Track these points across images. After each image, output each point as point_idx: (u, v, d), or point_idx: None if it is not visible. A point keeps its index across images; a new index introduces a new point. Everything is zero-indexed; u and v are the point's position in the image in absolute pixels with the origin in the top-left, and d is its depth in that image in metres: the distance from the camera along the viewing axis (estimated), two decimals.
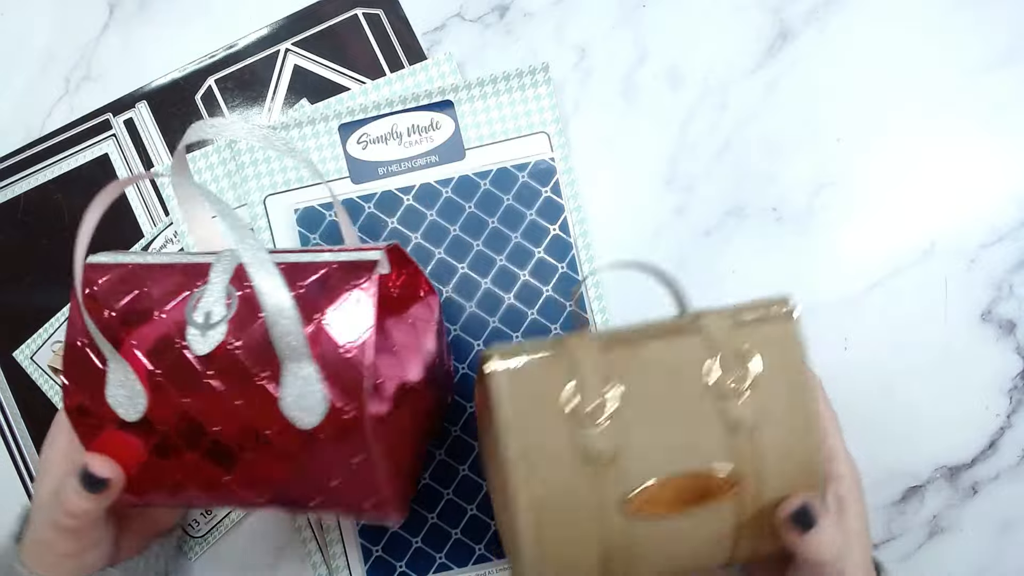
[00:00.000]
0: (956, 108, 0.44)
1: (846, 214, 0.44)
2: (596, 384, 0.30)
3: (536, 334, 0.42)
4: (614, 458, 0.30)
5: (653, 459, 0.30)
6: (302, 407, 0.29)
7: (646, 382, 0.30)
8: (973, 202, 0.44)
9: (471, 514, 0.42)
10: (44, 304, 0.45)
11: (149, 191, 0.45)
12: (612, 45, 0.45)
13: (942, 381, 0.42)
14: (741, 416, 0.31)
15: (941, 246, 0.43)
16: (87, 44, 0.47)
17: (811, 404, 0.31)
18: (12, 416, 0.45)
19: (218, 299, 0.30)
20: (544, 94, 0.43)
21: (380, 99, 0.43)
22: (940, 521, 0.43)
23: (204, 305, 0.30)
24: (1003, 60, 0.44)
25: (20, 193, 0.46)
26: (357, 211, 0.43)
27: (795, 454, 0.31)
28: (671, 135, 0.45)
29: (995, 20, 0.44)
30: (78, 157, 0.46)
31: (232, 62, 0.46)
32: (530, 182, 0.43)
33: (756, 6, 0.45)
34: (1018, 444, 0.43)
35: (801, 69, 0.45)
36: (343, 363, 0.29)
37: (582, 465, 0.29)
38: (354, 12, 0.46)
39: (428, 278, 0.38)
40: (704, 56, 0.45)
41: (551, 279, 0.43)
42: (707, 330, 0.31)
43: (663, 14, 0.45)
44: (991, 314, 0.43)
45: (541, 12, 0.46)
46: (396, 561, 0.42)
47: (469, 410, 0.42)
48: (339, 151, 0.43)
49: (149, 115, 0.46)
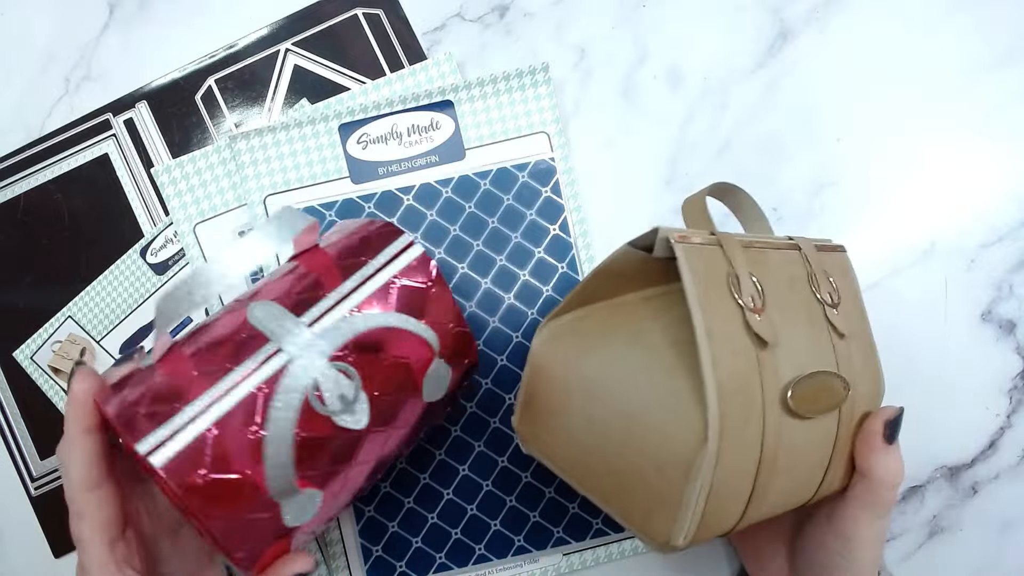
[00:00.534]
0: (956, 108, 0.44)
1: (846, 214, 0.44)
2: (747, 276, 0.29)
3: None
4: (773, 348, 0.28)
5: (798, 356, 0.29)
6: (437, 389, 0.33)
7: (776, 284, 0.30)
8: (973, 202, 0.44)
9: (471, 514, 0.42)
10: (44, 304, 0.45)
11: (149, 191, 0.45)
12: (612, 45, 0.45)
13: (942, 381, 0.42)
14: (842, 326, 0.31)
15: (941, 246, 0.43)
16: (87, 44, 0.47)
17: (869, 328, 0.34)
18: (12, 416, 0.45)
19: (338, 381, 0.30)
20: (544, 94, 0.43)
21: (380, 99, 0.43)
22: (940, 521, 0.43)
23: (331, 394, 0.30)
24: (1003, 60, 0.44)
25: (20, 193, 0.46)
26: (357, 211, 0.43)
27: (871, 370, 0.33)
28: (671, 135, 0.45)
29: (995, 20, 0.44)
30: (78, 157, 0.46)
31: (232, 62, 0.46)
32: (530, 182, 0.43)
33: (756, 6, 0.45)
34: (1018, 444, 0.43)
35: (801, 69, 0.45)
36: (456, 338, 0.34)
37: (753, 351, 0.27)
38: (354, 12, 0.46)
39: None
40: (704, 56, 0.45)
41: (551, 279, 0.43)
42: (803, 249, 0.33)
43: (663, 14, 0.45)
44: (991, 314, 0.43)
45: (541, 12, 0.46)
46: (396, 561, 0.42)
47: (469, 410, 0.42)
48: (339, 151, 0.43)
49: (149, 115, 0.46)
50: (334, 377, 0.30)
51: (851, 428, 0.31)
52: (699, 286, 0.27)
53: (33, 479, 0.45)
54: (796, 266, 0.32)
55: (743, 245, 0.30)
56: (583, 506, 0.42)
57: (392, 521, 0.42)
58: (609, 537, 0.42)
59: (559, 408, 0.32)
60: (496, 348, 0.42)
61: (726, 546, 0.43)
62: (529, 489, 0.42)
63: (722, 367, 0.26)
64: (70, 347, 0.45)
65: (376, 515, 0.42)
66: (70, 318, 0.45)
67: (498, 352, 0.42)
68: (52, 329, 0.45)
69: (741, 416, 0.26)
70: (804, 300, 0.31)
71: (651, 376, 0.29)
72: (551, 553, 0.42)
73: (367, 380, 0.31)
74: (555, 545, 0.42)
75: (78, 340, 0.45)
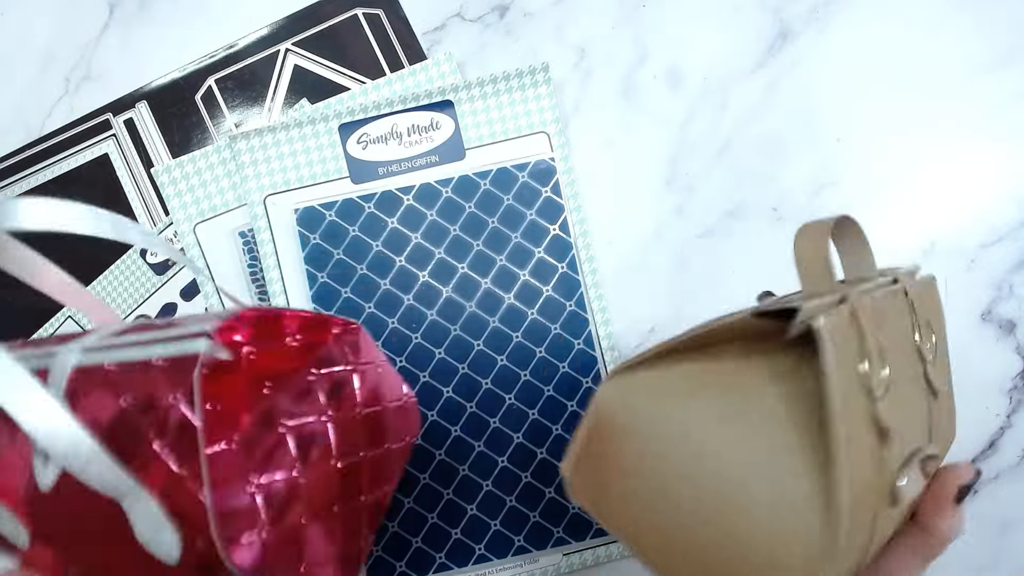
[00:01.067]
0: (956, 108, 0.44)
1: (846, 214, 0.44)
2: (876, 351, 0.23)
3: (536, 334, 0.42)
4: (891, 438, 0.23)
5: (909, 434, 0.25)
6: (159, 540, 0.22)
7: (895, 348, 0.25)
8: (973, 202, 0.44)
9: (471, 514, 0.42)
10: (44, 304, 0.45)
11: (149, 191, 0.45)
12: (612, 45, 0.45)
13: None
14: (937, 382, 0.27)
15: (941, 246, 0.43)
16: (87, 44, 0.47)
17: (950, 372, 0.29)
18: None
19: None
20: (544, 94, 0.43)
21: (380, 99, 0.43)
22: None
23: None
24: (1003, 60, 0.44)
25: (20, 193, 0.46)
26: (357, 211, 0.43)
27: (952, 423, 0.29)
28: (671, 135, 0.45)
29: (995, 20, 0.44)
30: (78, 157, 0.46)
31: (232, 62, 0.46)
32: (530, 182, 0.43)
33: (756, 6, 0.45)
34: (1018, 444, 0.43)
35: (801, 69, 0.45)
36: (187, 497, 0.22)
37: (875, 445, 0.22)
38: (354, 12, 0.46)
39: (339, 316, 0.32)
40: (704, 56, 0.45)
41: (551, 279, 0.43)
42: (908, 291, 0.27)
43: (663, 14, 0.45)
44: (991, 314, 0.43)
45: (541, 12, 0.46)
46: (396, 561, 0.42)
47: (469, 410, 0.42)
48: (339, 151, 0.43)
49: (149, 115, 0.46)
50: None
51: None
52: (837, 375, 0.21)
53: None
54: (905, 316, 0.26)
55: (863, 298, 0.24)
56: None
57: (392, 521, 0.42)
58: (609, 537, 0.42)
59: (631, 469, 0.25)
60: (496, 348, 0.42)
61: None
62: (529, 489, 0.42)
63: (854, 480, 0.21)
64: None
65: None
66: (70, 318, 0.45)
67: (498, 352, 0.42)
68: (52, 329, 0.45)
69: (861, 526, 0.22)
70: (913, 360, 0.26)
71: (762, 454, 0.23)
72: (551, 553, 0.42)
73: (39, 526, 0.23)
74: (555, 545, 0.42)
75: None
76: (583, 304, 0.43)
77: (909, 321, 0.27)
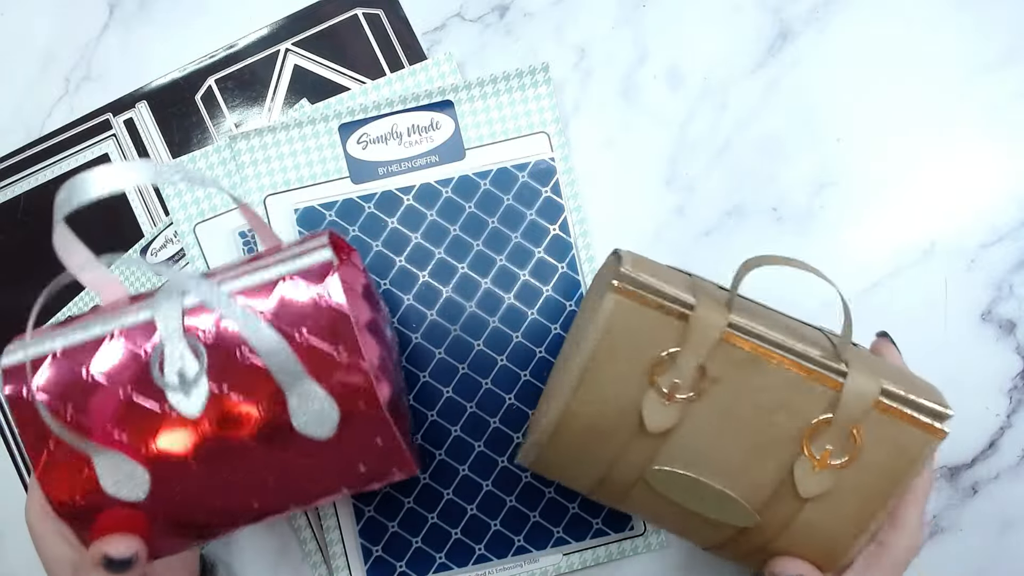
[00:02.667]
0: (956, 108, 0.44)
1: (846, 214, 0.44)
2: (691, 369, 0.29)
3: (536, 334, 0.42)
4: (664, 434, 0.29)
5: (695, 458, 0.30)
6: (317, 422, 0.29)
7: (743, 397, 0.29)
8: (973, 202, 0.44)
9: (471, 514, 0.42)
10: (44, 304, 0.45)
11: (149, 191, 0.45)
12: (612, 45, 0.45)
13: (942, 381, 0.42)
14: (806, 485, 0.29)
15: (941, 246, 0.43)
16: (87, 44, 0.47)
17: (874, 518, 0.29)
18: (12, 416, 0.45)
19: (183, 355, 0.28)
20: (544, 94, 0.43)
21: (380, 99, 0.43)
22: (940, 521, 0.43)
23: (171, 366, 0.28)
24: (1003, 60, 0.44)
25: (20, 193, 0.46)
26: (357, 211, 0.43)
27: (826, 542, 0.30)
28: (671, 135, 0.45)
29: (995, 20, 0.44)
30: (78, 157, 0.46)
31: (232, 62, 0.46)
32: (530, 182, 0.43)
33: (756, 6, 0.45)
34: (1018, 444, 0.43)
35: (801, 69, 0.45)
36: (344, 368, 0.28)
37: (632, 417, 0.29)
38: (354, 12, 0.46)
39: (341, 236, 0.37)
40: (704, 56, 0.45)
41: (551, 279, 0.43)
42: (846, 393, 0.29)
43: (663, 14, 0.45)
44: (991, 314, 0.43)
45: (541, 12, 0.46)
46: (396, 561, 0.42)
47: (469, 410, 0.42)
48: (339, 151, 0.43)
49: (149, 115, 0.46)
50: (180, 349, 0.28)
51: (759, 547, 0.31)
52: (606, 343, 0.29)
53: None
54: (806, 402, 0.29)
55: (730, 336, 0.29)
56: (583, 506, 0.42)
57: (392, 521, 0.42)
58: (609, 537, 0.42)
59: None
60: (496, 348, 0.42)
61: None
62: (529, 489, 0.42)
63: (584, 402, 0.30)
64: None
65: (376, 515, 0.42)
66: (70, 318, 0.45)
67: (498, 352, 0.42)
68: None
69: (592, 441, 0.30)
70: (771, 430, 0.29)
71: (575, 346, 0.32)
72: (551, 553, 0.42)
73: (216, 370, 0.28)
74: (555, 545, 0.42)
75: None
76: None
77: (811, 409, 0.29)
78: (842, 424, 0.28)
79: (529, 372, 0.42)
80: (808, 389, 0.29)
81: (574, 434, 0.30)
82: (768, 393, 0.29)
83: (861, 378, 0.29)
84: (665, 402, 0.29)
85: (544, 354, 0.42)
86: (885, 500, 0.29)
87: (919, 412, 0.29)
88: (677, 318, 0.29)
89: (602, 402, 0.29)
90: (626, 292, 0.29)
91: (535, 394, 0.42)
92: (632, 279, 0.29)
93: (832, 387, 0.29)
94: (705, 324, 0.29)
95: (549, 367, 0.42)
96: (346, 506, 0.42)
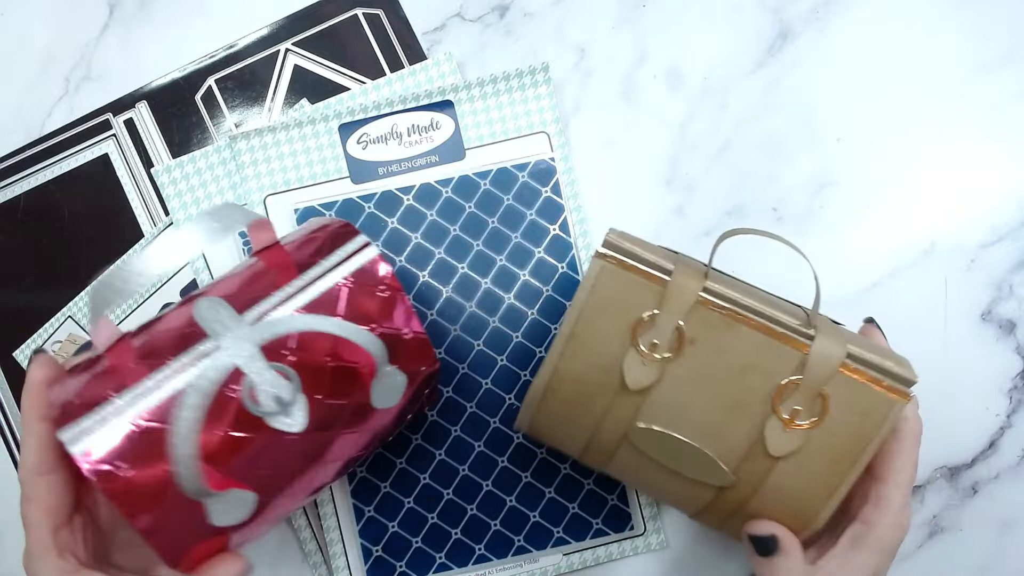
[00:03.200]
0: (956, 108, 0.44)
1: (846, 214, 0.44)
2: (669, 330, 0.31)
3: (536, 334, 0.42)
4: (644, 392, 0.31)
5: (674, 416, 0.31)
6: (390, 396, 0.33)
7: (718, 357, 0.31)
8: (973, 202, 0.44)
9: (471, 514, 0.42)
10: (44, 304, 0.45)
11: (149, 191, 0.45)
12: (612, 45, 0.45)
13: (942, 381, 0.42)
14: (776, 444, 0.31)
15: (941, 246, 0.43)
16: (87, 44, 0.47)
17: (843, 480, 0.31)
18: (12, 416, 0.45)
19: (275, 382, 0.30)
20: (544, 94, 0.43)
21: (380, 99, 0.43)
22: (940, 521, 0.43)
23: (264, 394, 0.29)
24: (1003, 60, 0.44)
25: (20, 193, 0.46)
26: (357, 211, 0.43)
27: (797, 503, 0.31)
28: (671, 135, 0.45)
29: (995, 20, 0.44)
30: (78, 157, 0.46)
31: (232, 62, 0.46)
32: (530, 182, 0.43)
33: (756, 6, 0.45)
34: (1018, 444, 0.43)
35: (801, 69, 0.45)
36: (413, 345, 0.33)
37: (615, 375, 0.31)
38: (354, 12, 0.46)
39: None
40: (704, 56, 0.45)
41: (551, 279, 0.43)
42: (813, 355, 0.30)
43: (663, 14, 0.45)
44: (991, 314, 0.43)
45: (541, 12, 0.46)
46: (396, 561, 0.42)
47: (469, 410, 0.42)
48: (339, 151, 0.43)
49: (149, 115, 0.46)
50: (271, 378, 0.30)
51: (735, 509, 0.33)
52: (594, 296, 0.31)
53: None
54: (776, 362, 0.31)
55: (706, 302, 0.31)
56: (583, 506, 0.42)
57: (392, 521, 0.42)
58: (609, 537, 0.42)
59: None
60: (496, 348, 0.42)
61: (730, 547, 0.43)
62: (529, 489, 0.42)
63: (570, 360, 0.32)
64: (70, 347, 0.45)
65: (376, 515, 0.42)
66: (70, 318, 0.45)
67: (498, 352, 0.42)
68: (52, 329, 0.45)
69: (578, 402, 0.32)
70: (744, 390, 0.31)
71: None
72: (551, 553, 0.42)
73: (308, 383, 0.30)
74: (555, 545, 0.42)
75: (78, 340, 0.45)
76: None
77: (779, 369, 0.31)
78: (810, 385, 0.30)
79: (529, 372, 0.42)
80: (778, 351, 0.31)
81: (562, 393, 0.32)
82: (741, 355, 0.31)
83: (828, 341, 0.31)
84: (645, 361, 0.31)
85: (544, 354, 0.42)
86: (852, 462, 0.31)
87: (884, 375, 0.31)
88: (657, 283, 0.31)
89: (587, 360, 0.32)
90: (611, 258, 0.31)
91: None
92: (617, 247, 0.32)
93: (801, 349, 0.31)
94: (682, 288, 0.31)
95: None
96: (346, 506, 0.42)
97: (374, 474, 0.42)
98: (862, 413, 0.30)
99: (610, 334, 0.31)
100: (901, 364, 0.31)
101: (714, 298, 0.31)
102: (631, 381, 0.31)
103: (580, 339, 0.31)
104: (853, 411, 0.30)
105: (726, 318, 0.31)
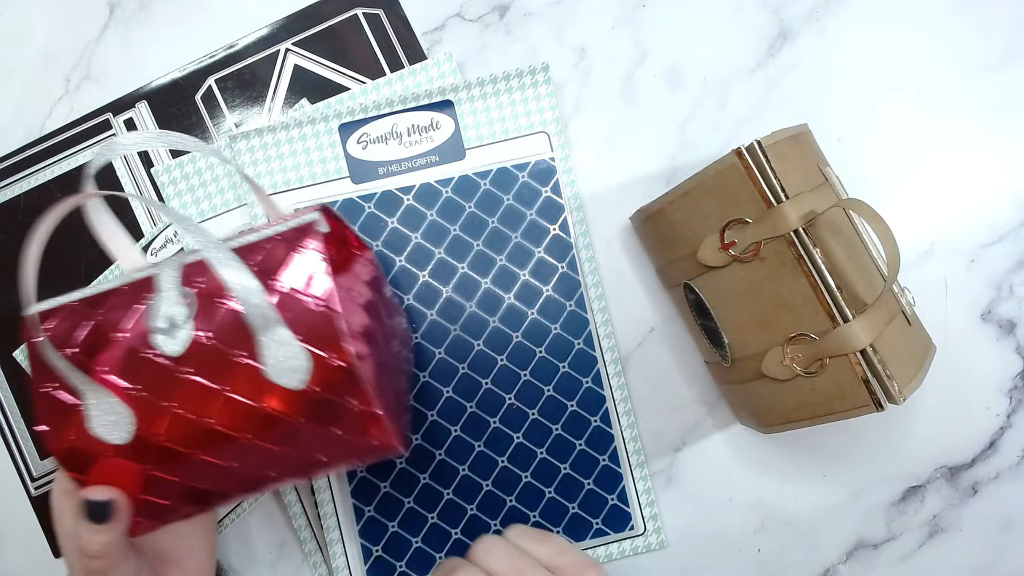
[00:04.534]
0: (956, 108, 0.44)
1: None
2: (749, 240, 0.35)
3: (536, 334, 0.42)
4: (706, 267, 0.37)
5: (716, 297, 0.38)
6: (288, 368, 0.29)
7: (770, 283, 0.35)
8: (973, 202, 0.44)
9: (471, 514, 0.42)
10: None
11: (149, 191, 0.45)
12: (612, 45, 0.45)
13: (942, 381, 0.42)
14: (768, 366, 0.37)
15: (941, 246, 0.43)
16: (87, 44, 0.47)
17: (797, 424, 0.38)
18: (12, 416, 0.45)
19: (175, 301, 0.31)
20: (544, 94, 0.43)
21: (380, 99, 0.43)
22: (940, 521, 0.43)
23: (164, 311, 0.30)
24: (1003, 60, 0.44)
25: (20, 193, 0.46)
26: (357, 211, 0.43)
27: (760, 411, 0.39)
28: (671, 135, 0.45)
29: (995, 20, 0.44)
30: (78, 157, 0.46)
31: (232, 62, 0.46)
32: (530, 182, 0.43)
33: (756, 6, 0.45)
34: (1018, 444, 0.43)
35: (801, 69, 0.45)
36: (315, 317, 0.30)
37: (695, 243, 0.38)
38: (354, 12, 0.46)
39: (358, 234, 0.40)
40: (704, 56, 0.45)
41: (551, 279, 0.43)
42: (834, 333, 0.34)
43: (663, 14, 0.45)
44: (991, 314, 0.43)
45: (541, 12, 0.46)
46: (396, 561, 0.42)
47: (469, 410, 0.42)
48: (339, 151, 0.43)
49: (149, 115, 0.46)
50: (174, 295, 0.30)
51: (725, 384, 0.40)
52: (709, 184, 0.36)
53: (33, 479, 0.45)
54: (806, 315, 0.35)
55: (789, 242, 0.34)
56: (583, 506, 0.42)
57: (392, 521, 0.42)
58: (609, 537, 0.42)
59: None
60: (496, 348, 0.42)
61: (730, 547, 0.43)
62: (529, 489, 0.42)
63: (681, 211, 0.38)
64: None
65: (376, 515, 0.42)
66: None
67: (498, 352, 0.42)
68: None
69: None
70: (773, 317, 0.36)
71: None
72: None
73: (203, 319, 0.30)
74: None
75: None
76: (583, 304, 0.43)
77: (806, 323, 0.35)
78: (817, 350, 0.34)
79: (529, 372, 0.42)
80: (813, 309, 0.34)
81: (661, 224, 0.39)
82: (786, 293, 0.35)
83: (858, 329, 0.33)
84: (720, 249, 0.36)
85: (544, 354, 0.42)
86: (811, 417, 0.36)
87: (878, 381, 0.34)
88: (764, 202, 0.34)
89: (685, 217, 0.38)
90: (744, 162, 0.35)
91: (535, 394, 0.42)
92: (755, 155, 0.34)
93: (831, 321, 0.34)
94: (779, 221, 0.34)
95: (549, 367, 0.42)
96: (346, 506, 0.42)
97: (374, 474, 0.42)
98: (841, 394, 0.34)
99: (709, 213, 0.36)
100: (904, 383, 0.34)
101: (798, 240, 0.34)
102: (700, 255, 0.37)
103: (689, 200, 0.37)
104: (837, 386, 0.34)
105: (795, 260, 0.34)
